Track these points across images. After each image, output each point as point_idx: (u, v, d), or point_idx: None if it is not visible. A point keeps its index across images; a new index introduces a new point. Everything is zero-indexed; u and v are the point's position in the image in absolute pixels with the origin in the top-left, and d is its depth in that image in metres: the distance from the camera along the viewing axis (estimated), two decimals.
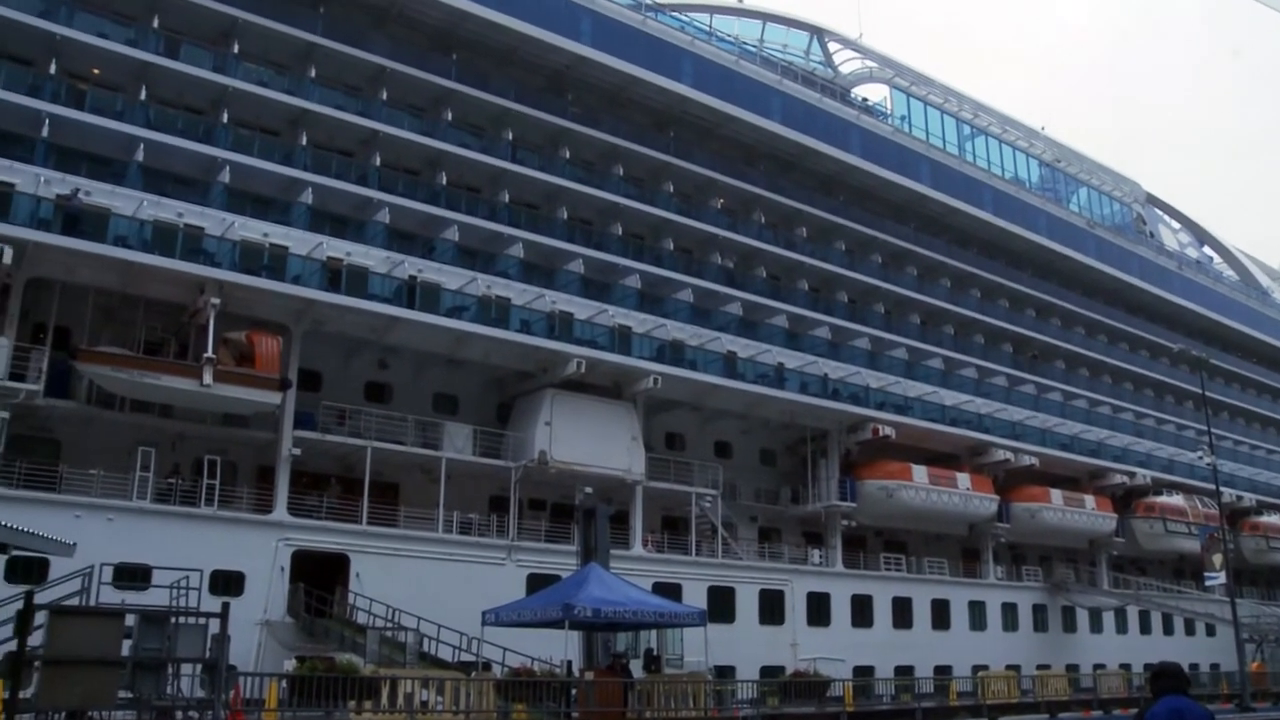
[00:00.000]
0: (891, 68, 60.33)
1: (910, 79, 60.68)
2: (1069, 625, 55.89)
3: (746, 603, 42.29)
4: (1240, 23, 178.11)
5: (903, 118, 58.91)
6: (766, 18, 58.34)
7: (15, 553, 17.38)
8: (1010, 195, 62.35)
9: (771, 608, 43.19)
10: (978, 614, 51.10)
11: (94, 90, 34.35)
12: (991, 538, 53.08)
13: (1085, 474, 58.43)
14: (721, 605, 39.93)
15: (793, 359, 46.66)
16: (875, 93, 60.22)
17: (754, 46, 54.33)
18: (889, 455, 48.65)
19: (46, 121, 31.91)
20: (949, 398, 52.24)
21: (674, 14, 51.11)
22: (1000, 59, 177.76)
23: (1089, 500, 56.84)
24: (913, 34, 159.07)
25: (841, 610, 45.41)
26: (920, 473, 48.63)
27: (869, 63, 60.77)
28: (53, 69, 33.09)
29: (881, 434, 47.38)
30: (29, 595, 20.70)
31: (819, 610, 44.66)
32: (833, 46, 60.43)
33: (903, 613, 47.78)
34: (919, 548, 52.50)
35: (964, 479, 50.52)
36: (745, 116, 49.07)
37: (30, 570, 25.65)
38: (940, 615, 49.28)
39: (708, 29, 52.05)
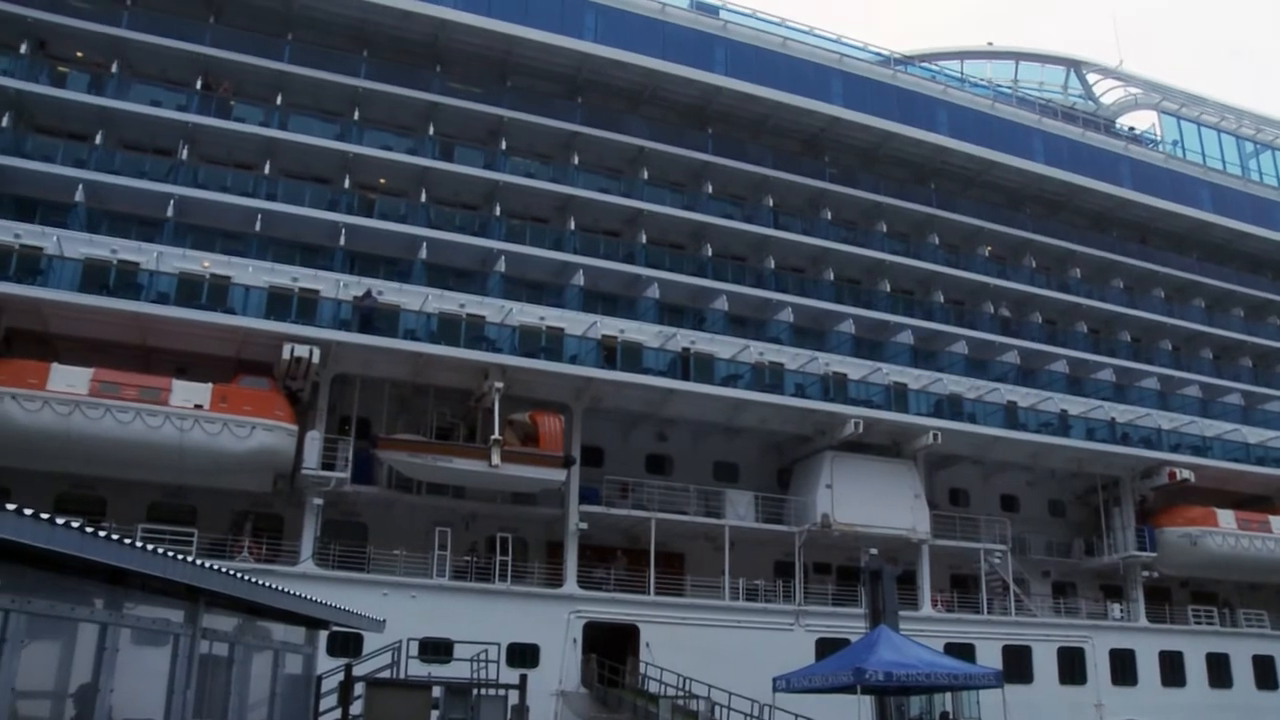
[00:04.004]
0: (1157, 91, 57.56)
1: (1179, 101, 57.68)
2: None
3: (1044, 662, 40.51)
4: None
5: (1175, 143, 56.09)
6: (1019, 56, 57.00)
7: (334, 629, 18.91)
8: None
9: (1071, 667, 41.20)
10: None
11: (381, 198, 37.35)
12: None
13: None
14: (1018, 665, 38.50)
15: (1076, 405, 44.93)
16: (1142, 120, 58.07)
17: (1009, 88, 53.22)
18: (1189, 500, 45.85)
19: (343, 231, 34.99)
20: (1252, 435, 48.78)
21: (923, 64, 50.87)
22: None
23: None
24: (1178, 52, 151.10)
25: (1149, 668, 42.80)
26: (1227, 517, 45.48)
27: (1132, 90, 58.17)
28: (346, 183, 36.47)
29: (1179, 478, 44.63)
30: (348, 668, 22.44)
31: (1124, 669, 42.27)
32: (1092, 77, 58.28)
33: (1219, 671, 44.45)
34: (1233, 598, 48.92)
35: (1279, 522, 46.90)
36: (1007, 160, 48.10)
37: (347, 645, 27.34)
38: (1265, 673, 45.42)
39: (959, 75, 51.64)
